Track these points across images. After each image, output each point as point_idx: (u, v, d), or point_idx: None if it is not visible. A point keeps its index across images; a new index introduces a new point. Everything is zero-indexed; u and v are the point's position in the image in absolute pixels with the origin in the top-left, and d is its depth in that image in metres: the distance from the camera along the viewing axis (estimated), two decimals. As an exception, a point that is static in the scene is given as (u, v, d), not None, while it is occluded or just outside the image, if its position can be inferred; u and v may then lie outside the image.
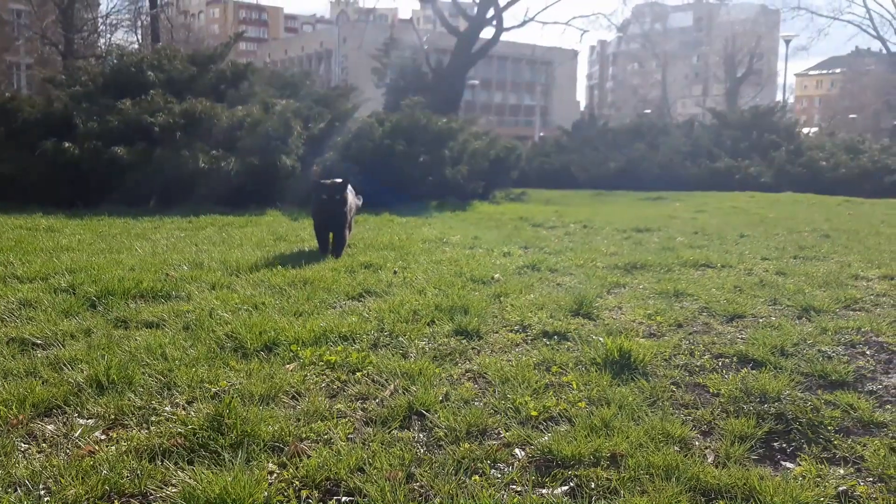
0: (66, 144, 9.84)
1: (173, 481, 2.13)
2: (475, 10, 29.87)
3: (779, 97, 52.36)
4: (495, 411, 2.74)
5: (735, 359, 3.40)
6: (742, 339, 3.72)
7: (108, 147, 9.86)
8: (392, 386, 2.94)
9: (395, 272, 5.23)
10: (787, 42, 44.24)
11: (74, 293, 4.21)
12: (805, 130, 29.85)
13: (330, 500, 2.09)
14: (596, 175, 21.92)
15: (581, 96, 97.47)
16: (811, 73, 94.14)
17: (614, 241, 7.52)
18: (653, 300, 4.55)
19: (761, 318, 4.15)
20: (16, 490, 2.04)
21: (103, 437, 2.46)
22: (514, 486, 2.22)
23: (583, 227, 8.99)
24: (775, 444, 2.59)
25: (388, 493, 2.09)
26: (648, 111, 48.70)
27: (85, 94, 11.14)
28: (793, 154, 21.57)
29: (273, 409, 2.68)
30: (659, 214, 11.10)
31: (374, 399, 2.83)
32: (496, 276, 5.18)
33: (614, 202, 15.13)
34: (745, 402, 2.87)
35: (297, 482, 2.16)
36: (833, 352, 3.50)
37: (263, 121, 10.89)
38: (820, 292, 4.79)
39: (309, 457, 2.31)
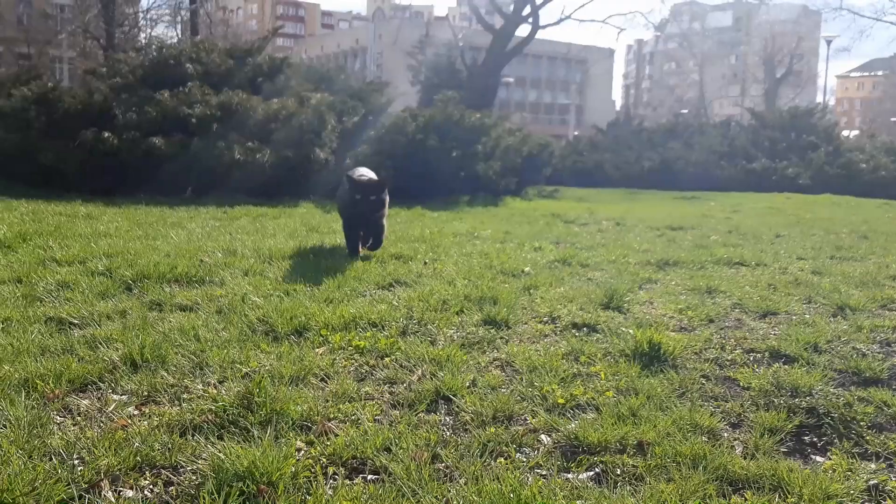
0: (106, 134, 10.03)
1: (204, 455, 2.17)
2: (511, 7, 29.76)
3: (819, 99, 51.35)
4: (522, 398, 2.75)
5: (767, 354, 3.36)
6: (775, 334, 3.68)
7: (146, 138, 10.04)
8: (420, 371, 2.96)
9: (424, 263, 5.25)
10: (829, 43, 43.47)
11: (111, 276, 4.30)
12: (845, 133, 29.30)
13: (356, 477, 2.12)
14: (630, 174, 21.75)
15: (617, 95, 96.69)
16: (852, 74, 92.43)
17: (647, 238, 7.46)
18: (685, 296, 4.51)
19: (795, 315, 4.10)
20: (51, 459, 2.10)
21: (136, 412, 2.51)
22: (539, 470, 2.22)
23: (615, 224, 8.94)
24: (806, 437, 2.56)
25: (414, 472, 2.10)
26: (685, 111, 48.14)
27: (125, 85, 11.33)
28: (832, 156, 21.18)
29: (302, 389, 2.71)
30: (693, 213, 10.99)
31: (402, 383, 2.85)
32: (526, 269, 5.18)
33: (648, 201, 15.00)
34: (775, 396, 2.84)
35: (325, 459, 2.19)
36: (868, 349, 3.44)
37: (298, 114, 10.99)
38: (856, 291, 4.71)
39: (336, 436, 2.34)
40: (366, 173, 5.38)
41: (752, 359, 3.31)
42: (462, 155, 12.29)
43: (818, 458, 2.41)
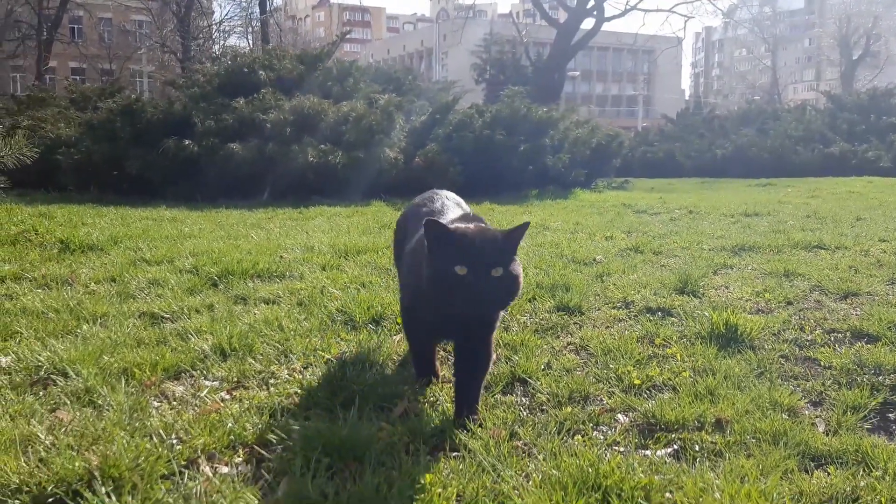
0: (186, 142, 10.44)
1: (292, 434, 2.28)
2: (575, 1, 29.53)
3: (900, 79, 49.16)
4: (597, 380, 2.78)
5: (848, 334, 3.30)
6: (856, 315, 3.60)
7: (224, 144, 10.40)
8: (494, 355, 3.02)
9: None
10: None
11: (197, 274, 4.50)
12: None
13: (438, 453, 2.19)
14: (701, 163, 21.30)
15: (686, 85, 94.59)
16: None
17: (721, 225, 7.33)
18: (761, 279, 4.44)
19: (877, 295, 3.99)
20: (151, 438, 2.23)
21: (227, 396, 2.64)
22: (616, 447, 2.25)
23: (688, 212, 8.80)
24: (890, 414, 2.51)
25: (493, 449, 2.16)
26: (757, 97, 46.75)
27: (202, 94, 11.77)
28: (915, 137, 20.28)
29: (382, 374, 2.80)
30: (768, 200, 10.71)
31: (478, 367, 2.91)
32: (598, 257, 5.17)
33: (721, 189, 14.67)
34: (858, 375, 2.79)
35: (406, 437, 2.27)
36: (957, 327, 3.33)
37: (367, 115, 11.18)
38: (944, 271, 4.55)
39: (417, 416, 2.42)
40: (453, 205, 2.84)
41: (832, 339, 3.25)
42: (530, 149, 12.28)
43: (904, 435, 2.36)
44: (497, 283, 2.17)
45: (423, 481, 1.89)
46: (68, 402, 2.48)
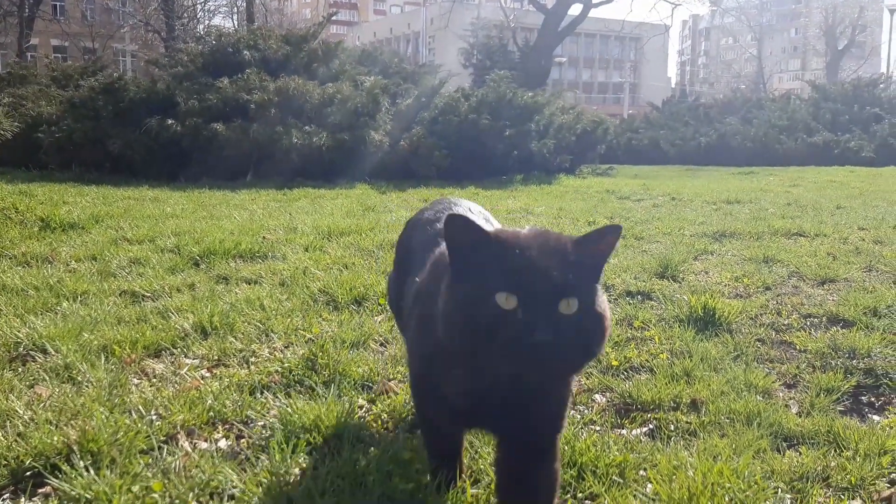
0: (169, 122, 10.35)
1: (272, 410, 2.29)
2: (563, -15, 29.41)
3: (883, 70, 49.47)
4: (576, 361, 2.80)
5: (825, 318, 3.35)
6: (833, 300, 3.65)
7: (208, 124, 10.32)
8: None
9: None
10: (892, 12, 41.76)
11: (179, 253, 4.49)
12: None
13: (417, 431, 2.20)
14: (686, 150, 21.38)
15: (672, 73, 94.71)
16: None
17: (703, 212, 7.38)
18: (741, 265, 4.49)
19: (854, 282, 4.05)
20: (130, 414, 2.24)
21: (207, 374, 2.65)
22: (593, 426, 2.28)
23: (671, 199, 8.85)
24: (863, 397, 2.56)
25: (471, 427, 2.18)
26: (742, 86, 46.95)
27: (186, 74, 11.66)
28: (896, 127, 20.43)
29: (363, 353, 2.81)
30: (751, 188, 10.78)
31: (459, 347, 2.93)
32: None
33: (704, 176, 14.75)
34: (832, 358, 2.84)
35: (386, 415, 2.29)
36: (930, 314, 3.39)
37: (352, 97, 11.14)
38: (920, 259, 4.62)
39: (397, 394, 2.43)
40: (480, 221, 1.80)
41: (809, 323, 3.30)
42: (515, 134, 12.27)
43: (875, 417, 2.41)
44: (568, 326, 1.28)
45: (401, 458, 1.91)
46: (47, 378, 2.48)
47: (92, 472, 1.83)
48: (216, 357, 2.79)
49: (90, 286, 3.69)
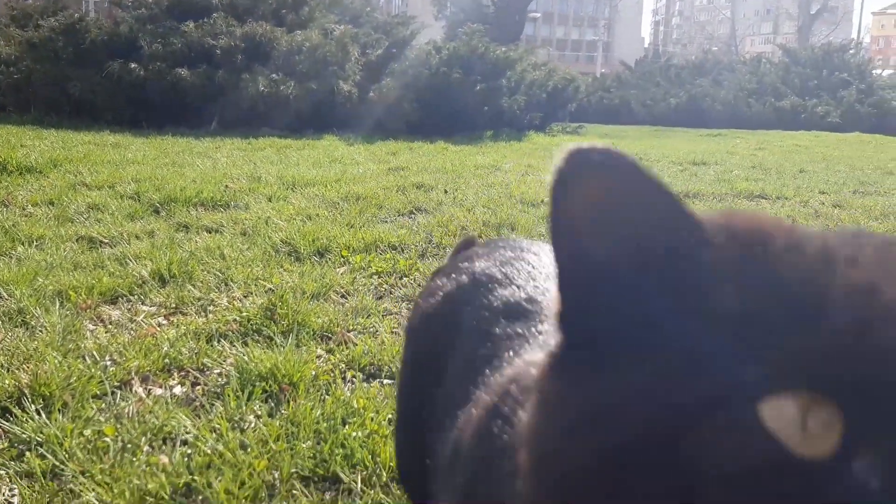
0: (132, 66, 10.08)
1: (229, 358, 2.29)
2: (539, -62, 28.98)
3: (854, 35, 49.84)
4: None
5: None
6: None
7: (172, 69, 10.08)
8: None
9: (445, 192, 5.31)
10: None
11: (139, 200, 4.42)
12: (878, 71, 28.44)
13: (373, 381, 2.22)
14: (656, 111, 21.42)
15: (646, 33, 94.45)
16: (889, 11, 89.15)
17: (669, 172, 7.44)
18: (702, 225, 4.54)
19: (811, 244, 4.13)
20: (84, 360, 2.22)
21: (164, 321, 2.63)
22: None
23: (638, 159, 8.87)
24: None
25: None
26: (715, 48, 47.02)
27: (150, 16, 11.31)
28: (863, 94, 20.62)
29: (323, 304, 2.81)
30: (718, 150, 10.87)
31: (419, 300, 2.94)
32: (546, 199, 5.22)
33: (673, 137, 14.83)
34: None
35: (343, 365, 2.30)
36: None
37: (322, 46, 10.93)
38: (876, 224, 4.72)
39: (355, 345, 2.44)
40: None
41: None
42: (486, 89, 12.18)
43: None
44: None
45: (355, 405, 1.93)
46: (0, 322, 2.45)
47: (43, 415, 1.83)
48: (174, 305, 2.77)
49: (46, 231, 3.63)
